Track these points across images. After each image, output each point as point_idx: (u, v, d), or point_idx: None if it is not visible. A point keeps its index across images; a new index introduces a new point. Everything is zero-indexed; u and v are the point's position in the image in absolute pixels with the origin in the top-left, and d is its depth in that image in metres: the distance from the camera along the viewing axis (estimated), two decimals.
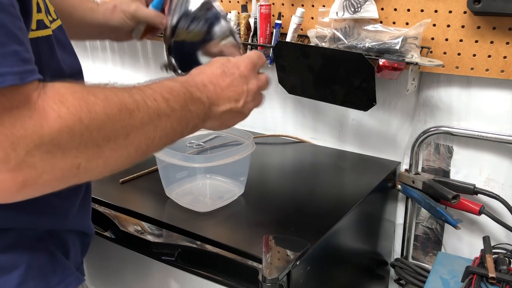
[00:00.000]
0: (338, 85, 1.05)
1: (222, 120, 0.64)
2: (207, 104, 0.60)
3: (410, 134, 1.17)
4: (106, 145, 0.47)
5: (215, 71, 0.63)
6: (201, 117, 0.60)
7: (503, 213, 1.03)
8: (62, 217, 0.62)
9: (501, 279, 0.85)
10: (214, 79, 0.62)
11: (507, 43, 0.94)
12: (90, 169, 0.47)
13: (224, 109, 0.63)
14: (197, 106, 0.59)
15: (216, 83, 0.62)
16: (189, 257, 0.82)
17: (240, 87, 0.64)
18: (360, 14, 1.04)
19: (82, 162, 0.46)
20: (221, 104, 0.62)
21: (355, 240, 1.03)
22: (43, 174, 0.43)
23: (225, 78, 0.63)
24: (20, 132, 0.41)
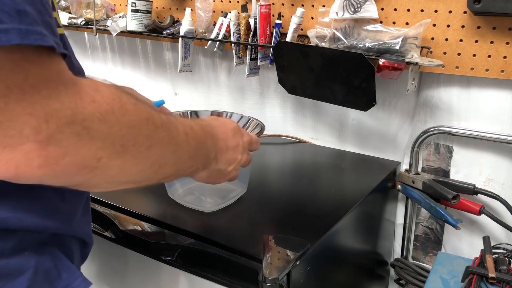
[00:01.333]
0: (338, 85, 1.05)
1: (211, 175, 0.68)
2: (212, 156, 0.66)
3: (410, 134, 1.17)
4: (129, 148, 0.48)
5: (228, 132, 0.69)
6: (204, 165, 0.65)
7: (503, 213, 1.03)
8: (67, 222, 0.62)
9: (501, 279, 0.85)
10: (225, 138, 0.68)
11: (507, 43, 0.94)
12: (107, 168, 0.47)
13: (219, 168, 0.68)
14: (205, 154, 0.64)
15: (225, 143, 0.68)
16: (189, 257, 0.82)
17: (237, 154, 0.70)
18: (360, 14, 1.04)
19: (104, 156, 0.45)
20: (219, 162, 0.68)
21: (355, 240, 1.03)
22: (66, 156, 0.43)
23: (233, 141, 0.69)
24: (56, 106, 0.41)
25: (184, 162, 0.59)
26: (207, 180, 0.69)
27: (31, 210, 0.55)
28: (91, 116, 0.43)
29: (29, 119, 0.40)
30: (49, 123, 0.40)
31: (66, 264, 0.61)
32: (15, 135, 0.40)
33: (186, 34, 1.29)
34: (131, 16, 1.34)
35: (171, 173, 0.57)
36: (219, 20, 1.26)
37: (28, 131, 0.40)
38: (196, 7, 1.27)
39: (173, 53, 1.54)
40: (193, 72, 1.49)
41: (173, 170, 0.57)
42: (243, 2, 1.26)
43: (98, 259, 0.94)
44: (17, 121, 0.39)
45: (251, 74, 1.26)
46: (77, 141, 0.43)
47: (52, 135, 0.41)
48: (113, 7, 1.57)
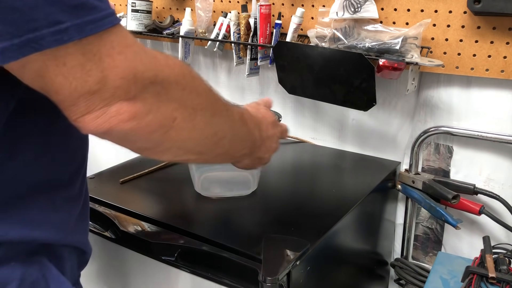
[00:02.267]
0: (338, 85, 1.05)
1: (253, 162, 0.73)
2: (258, 144, 0.71)
3: (410, 134, 1.17)
4: (198, 112, 0.53)
5: (269, 124, 0.74)
6: (251, 151, 0.70)
7: (503, 213, 1.03)
8: (58, 231, 0.60)
9: (501, 279, 0.85)
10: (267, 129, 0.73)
11: (507, 43, 0.94)
12: (180, 130, 0.51)
13: (260, 155, 0.73)
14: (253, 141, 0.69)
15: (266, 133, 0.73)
16: (189, 257, 0.82)
17: (275, 144, 0.76)
18: (360, 14, 1.04)
19: (178, 117, 0.50)
20: (262, 150, 0.73)
21: (355, 240, 1.03)
22: (149, 114, 0.47)
23: (272, 132, 0.75)
24: (140, 67, 0.46)
25: (237, 142, 0.64)
26: (248, 166, 0.74)
27: (18, 222, 0.54)
28: (168, 77, 0.49)
29: (122, 82, 0.44)
30: (137, 83, 0.45)
31: (55, 274, 0.60)
32: (110, 97, 0.45)
33: (186, 34, 1.29)
34: (131, 16, 1.34)
35: (227, 148, 0.62)
36: (219, 20, 1.26)
37: (120, 92, 0.45)
38: (196, 7, 1.27)
39: (173, 53, 1.54)
40: None
41: (228, 147, 0.62)
42: (243, 2, 1.26)
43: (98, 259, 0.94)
44: (111, 84, 0.44)
45: (251, 74, 1.26)
46: (158, 100, 0.48)
47: (139, 93, 0.46)
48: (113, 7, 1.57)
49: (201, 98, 0.54)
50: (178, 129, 0.51)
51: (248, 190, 0.97)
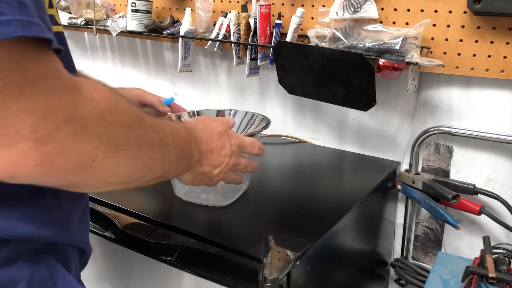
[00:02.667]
0: (338, 85, 1.05)
1: (197, 178, 0.70)
2: (195, 159, 0.67)
3: (410, 134, 1.17)
4: (122, 148, 0.48)
5: (213, 135, 0.70)
6: (187, 167, 0.66)
7: (503, 213, 1.03)
8: (63, 230, 0.60)
9: (501, 279, 0.85)
10: (210, 141, 0.69)
11: (507, 43, 0.94)
12: (101, 168, 0.47)
13: (203, 170, 0.69)
14: (189, 157, 0.64)
15: (209, 145, 0.69)
16: (189, 257, 0.82)
17: (223, 157, 0.71)
18: (360, 14, 1.04)
19: (99, 155, 0.45)
20: (204, 164, 0.69)
21: (355, 240, 1.03)
22: (63, 155, 0.42)
23: (217, 144, 0.70)
24: (55, 103, 0.41)
25: (170, 164, 0.59)
26: (193, 183, 0.71)
27: (26, 219, 0.54)
28: (90, 114, 0.43)
29: (28, 117, 0.39)
30: (47, 121, 0.40)
31: (62, 273, 0.60)
32: (13, 134, 0.39)
33: (186, 34, 1.29)
34: (131, 16, 1.34)
35: (158, 174, 0.57)
36: (219, 20, 1.26)
37: (26, 130, 0.39)
38: (196, 7, 1.27)
39: (173, 53, 1.54)
40: (193, 72, 1.49)
41: (160, 172, 0.57)
42: (243, 2, 1.26)
43: (98, 259, 0.94)
44: (15, 120, 0.39)
45: (251, 74, 1.26)
46: (74, 139, 0.43)
47: (50, 133, 0.41)
48: (113, 7, 1.57)
49: (128, 132, 0.49)
50: (99, 168, 0.46)
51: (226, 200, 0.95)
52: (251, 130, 0.96)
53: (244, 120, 1.01)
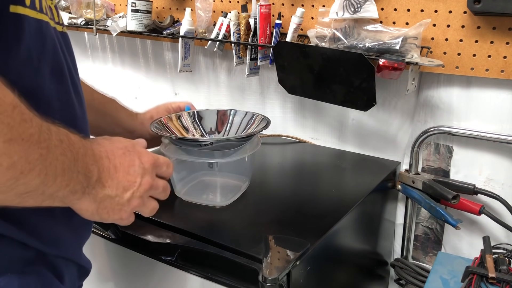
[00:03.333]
0: (338, 85, 1.05)
1: (99, 206, 0.54)
2: (94, 177, 0.52)
3: (410, 134, 1.17)
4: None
5: (116, 150, 0.56)
6: (83, 186, 0.50)
7: (503, 213, 1.03)
8: (53, 242, 0.56)
9: (501, 279, 0.85)
10: (112, 156, 0.55)
11: (507, 43, 0.94)
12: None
13: (109, 193, 0.54)
14: (84, 172, 0.50)
15: (112, 161, 0.55)
16: (189, 257, 0.82)
17: (133, 177, 0.56)
18: (360, 14, 1.04)
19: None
20: (107, 185, 0.53)
21: (355, 240, 1.03)
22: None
23: (123, 160, 0.56)
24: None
25: (55, 175, 0.45)
26: (98, 214, 0.54)
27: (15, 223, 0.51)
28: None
29: None
30: None
31: (55, 284, 0.57)
32: None
33: (186, 34, 1.29)
34: (131, 16, 1.34)
35: (36, 185, 0.44)
36: (219, 20, 1.26)
37: None
38: (196, 7, 1.27)
39: (173, 53, 1.54)
40: (193, 72, 1.49)
41: (39, 182, 0.44)
42: (243, 2, 1.26)
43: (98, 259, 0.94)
44: None
45: (251, 74, 1.26)
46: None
47: None
48: (113, 7, 1.57)
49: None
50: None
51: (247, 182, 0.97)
52: (251, 130, 0.96)
53: (244, 120, 1.01)
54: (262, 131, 0.91)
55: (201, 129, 1.02)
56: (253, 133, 0.91)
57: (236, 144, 0.90)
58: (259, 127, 0.94)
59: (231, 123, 1.03)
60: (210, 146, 0.86)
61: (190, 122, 1.02)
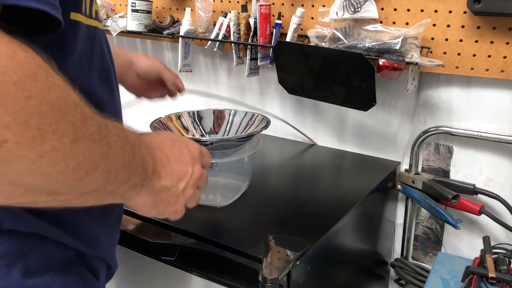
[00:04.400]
0: (338, 85, 1.05)
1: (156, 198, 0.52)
2: (150, 168, 0.50)
3: (410, 134, 1.17)
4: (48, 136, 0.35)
5: (165, 141, 0.55)
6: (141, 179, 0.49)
7: (503, 213, 1.03)
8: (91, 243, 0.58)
9: (501, 279, 0.85)
10: (162, 146, 0.54)
11: (507, 43, 0.94)
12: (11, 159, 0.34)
13: (165, 184, 0.52)
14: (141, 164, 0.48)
15: (163, 151, 0.53)
16: (189, 257, 0.82)
17: (185, 166, 0.55)
18: (360, 14, 1.04)
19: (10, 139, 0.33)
20: (163, 176, 0.52)
21: (355, 240, 1.03)
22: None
23: (173, 150, 0.54)
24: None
25: (117, 172, 0.44)
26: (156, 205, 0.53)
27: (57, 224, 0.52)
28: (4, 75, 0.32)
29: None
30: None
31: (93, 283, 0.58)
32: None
33: (186, 34, 1.29)
34: (131, 16, 1.34)
35: (99, 184, 0.42)
36: (219, 20, 1.26)
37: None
38: (196, 7, 1.27)
39: (173, 53, 1.54)
40: (193, 72, 1.49)
41: (102, 180, 0.42)
42: (243, 2, 1.26)
43: None
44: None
45: (251, 74, 1.26)
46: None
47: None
48: (113, 7, 1.57)
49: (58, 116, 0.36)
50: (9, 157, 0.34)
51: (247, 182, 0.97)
52: (251, 130, 0.96)
53: (244, 120, 1.01)
54: (262, 131, 0.91)
55: (201, 129, 1.02)
56: (253, 133, 0.91)
57: (236, 144, 0.89)
58: (259, 127, 0.94)
59: (231, 123, 1.03)
60: (210, 146, 0.86)
61: (190, 122, 1.02)
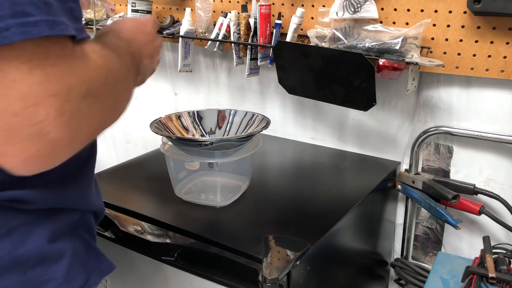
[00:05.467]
0: (338, 85, 1.05)
1: (143, 76, 0.66)
2: (138, 60, 0.62)
3: (410, 134, 1.17)
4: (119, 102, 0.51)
5: (131, 28, 0.64)
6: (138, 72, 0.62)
7: (503, 213, 1.03)
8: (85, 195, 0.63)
9: (501, 279, 0.85)
10: (133, 35, 0.63)
11: (507, 43, 0.94)
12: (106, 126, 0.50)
13: (145, 64, 0.65)
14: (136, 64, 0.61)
15: (136, 40, 0.63)
16: (189, 257, 0.82)
17: (151, 44, 0.66)
18: (360, 14, 1.04)
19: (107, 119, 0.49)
20: (143, 59, 0.64)
21: (355, 240, 1.03)
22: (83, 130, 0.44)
23: (141, 35, 0.64)
24: (73, 81, 0.41)
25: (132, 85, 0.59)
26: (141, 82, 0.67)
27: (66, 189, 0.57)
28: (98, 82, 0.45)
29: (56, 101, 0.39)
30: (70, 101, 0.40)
31: (93, 247, 0.64)
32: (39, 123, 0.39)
33: (186, 34, 1.29)
34: (131, 16, 1.34)
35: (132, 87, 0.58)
36: (219, 20, 1.26)
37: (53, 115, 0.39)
38: (196, 7, 1.27)
39: (173, 53, 1.54)
40: (193, 72, 1.49)
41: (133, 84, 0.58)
42: (243, 2, 1.26)
43: None
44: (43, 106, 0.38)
45: (251, 74, 1.26)
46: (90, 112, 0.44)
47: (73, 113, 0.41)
48: (113, 7, 1.57)
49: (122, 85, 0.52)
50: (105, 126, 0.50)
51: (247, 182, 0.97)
52: (251, 130, 0.96)
53: (244, 120, 1.01)
54: (262, 131, 0.91)
55: (201, 129, 1.02)
56: (253, 133, 0.91)
57: (236, 144, 0.90)
58: (259, 127, 0.94)
59: (231, 123, 1.03)
60: (210, 146, 0.86)
61: (190, 122, 1.02)
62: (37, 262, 0.53)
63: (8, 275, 0.51)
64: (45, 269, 0.54)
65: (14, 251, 0.52)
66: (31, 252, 0.53)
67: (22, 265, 0.52)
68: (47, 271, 0.54)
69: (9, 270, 0.51)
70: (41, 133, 0.39)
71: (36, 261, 0.53)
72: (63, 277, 0.56)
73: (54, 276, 0.55)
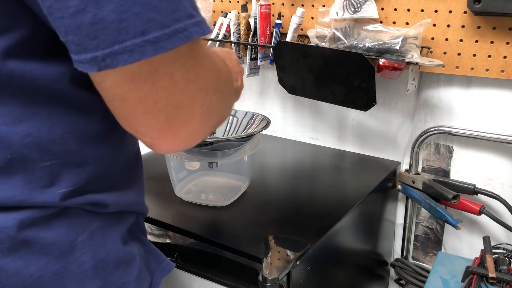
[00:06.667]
0: (338, 85, 1.05)
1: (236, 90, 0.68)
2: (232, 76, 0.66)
3: (410, 134, 1.17)
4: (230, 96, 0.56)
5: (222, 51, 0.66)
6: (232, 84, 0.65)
7: (503, 213, 1.03)
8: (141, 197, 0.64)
9: (501, 279, 0.85)
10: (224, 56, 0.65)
11: (507, 43, 0.94)
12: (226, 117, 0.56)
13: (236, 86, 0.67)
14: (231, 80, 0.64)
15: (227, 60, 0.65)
16: (189, 257, 0.82)
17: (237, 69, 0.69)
18: (360, 14, 1.04)
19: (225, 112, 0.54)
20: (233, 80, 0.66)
21: (355, 240, 1.03)
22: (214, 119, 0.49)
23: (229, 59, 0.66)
24: (211, 78, 0.46)
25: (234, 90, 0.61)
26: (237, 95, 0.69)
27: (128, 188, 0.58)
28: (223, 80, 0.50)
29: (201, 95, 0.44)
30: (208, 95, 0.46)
31: (151, 248, 0.64)
32: (190, 113, 0.44)
33: None
34: None
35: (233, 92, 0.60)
36: (219, 20, 1.26)
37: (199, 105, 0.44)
38: None
39: None
40: None
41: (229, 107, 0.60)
42: (243, 2, 1.26)
43: None
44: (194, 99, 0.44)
45: (251, 74, 1.26)
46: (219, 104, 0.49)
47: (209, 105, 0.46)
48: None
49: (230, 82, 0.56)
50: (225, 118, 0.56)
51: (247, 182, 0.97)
52: (251, 130, 0.96)
53: (244, 120, 1.01)
54: (262, 131, 0.91)
55: None
56: (253, 133, 0.91)
57: (236, 144, 0.90)
58: (259, 127, 0.94)
59: (231, 123, 1.03)
60: (210, 146, 0.86)
61: None
62: (115, 266, 0.53)
63: (92, 280, 0.51)
64: (122, 273, 0.54)
65: (96, 255, 0.51)
66: (110, 255, 0.53)
67: (103, 269, 0.52)
68: (123, 275, 0.54)
69: (92, 275, 0.51)
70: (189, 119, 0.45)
71: (114, 264, 0.53)
72: (135, 279, 0.56)
73: (128, 279, 0.55)
